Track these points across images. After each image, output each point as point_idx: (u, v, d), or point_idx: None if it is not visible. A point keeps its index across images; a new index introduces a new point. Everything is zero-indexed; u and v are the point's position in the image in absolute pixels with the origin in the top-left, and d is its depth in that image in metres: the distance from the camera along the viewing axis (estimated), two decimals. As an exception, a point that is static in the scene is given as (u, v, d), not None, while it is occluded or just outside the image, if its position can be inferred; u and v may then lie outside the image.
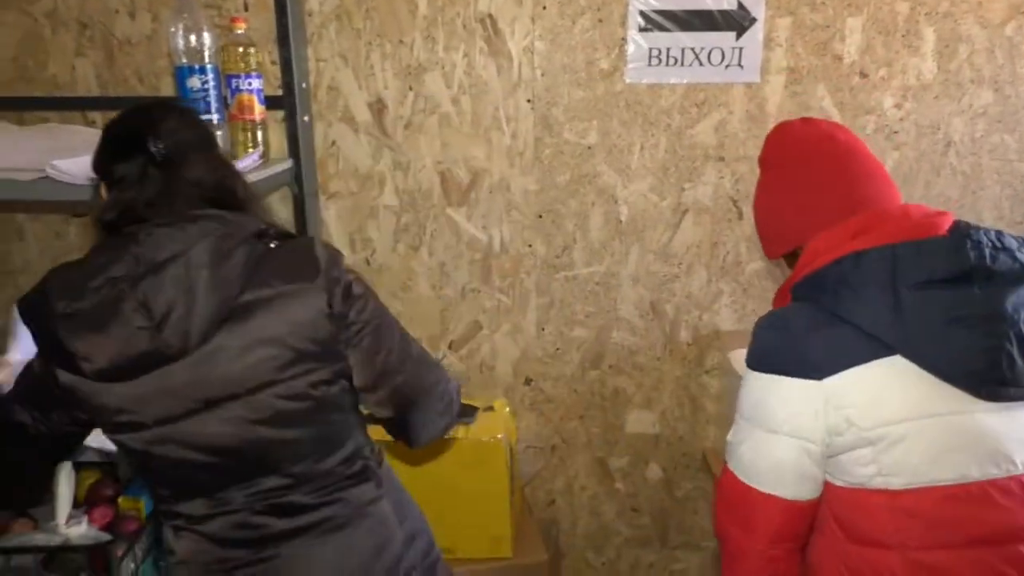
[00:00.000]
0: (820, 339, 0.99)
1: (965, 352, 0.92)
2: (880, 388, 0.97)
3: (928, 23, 1.79)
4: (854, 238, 1.01)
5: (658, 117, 1.85)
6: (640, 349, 2.01)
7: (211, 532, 1.10)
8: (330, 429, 1.12)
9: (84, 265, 1.03)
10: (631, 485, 2.11)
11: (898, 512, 0.97)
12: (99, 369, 0.99)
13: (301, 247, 1.11)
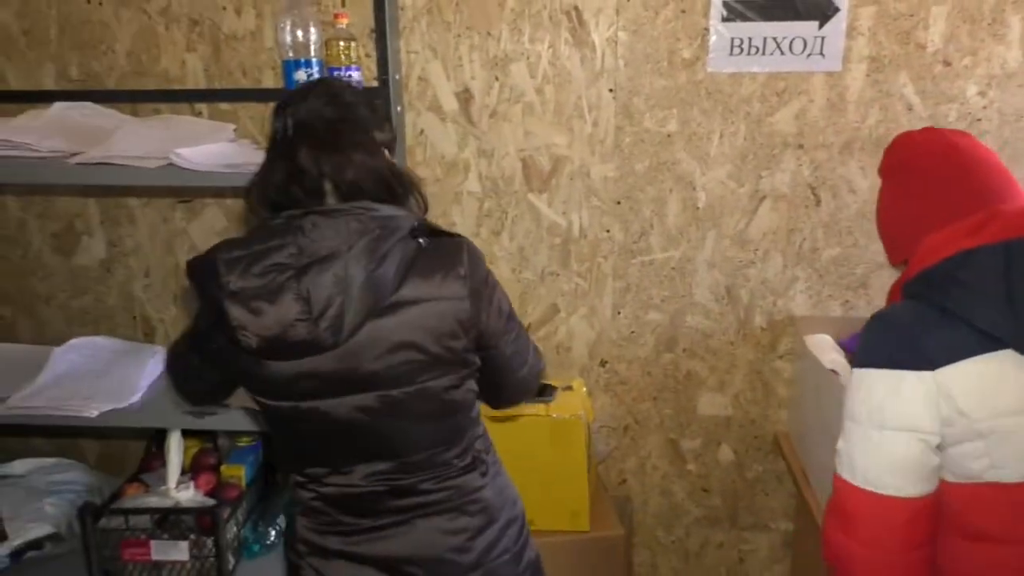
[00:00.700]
0: (931, 333, 0.99)
1: None
2: (992, 381, 0.96)
3: (1015, 11, 1.78)
4: (968, 236, 1.02)
5: (738, 105, 1.88)
6: (714, 333, 2.05)
7: (329, 494, 1.20)
8: (452, 427, 1.20)
9: (251, 244, 1.08)
10: (702, 466, 2.16)
11: (1015, 506, 0.97)
12: (254, 345, 1.06)
13: (450, 251, 1.14)
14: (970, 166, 1.11)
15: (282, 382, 1.12)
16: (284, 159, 1.11)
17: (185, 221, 2.04)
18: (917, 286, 1.05)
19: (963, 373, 0.96)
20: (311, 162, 1.09)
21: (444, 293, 1.10)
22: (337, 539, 1.21)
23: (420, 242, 1.13)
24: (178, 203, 2.03)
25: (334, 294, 1.04)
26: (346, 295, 1.04)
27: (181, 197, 2.02)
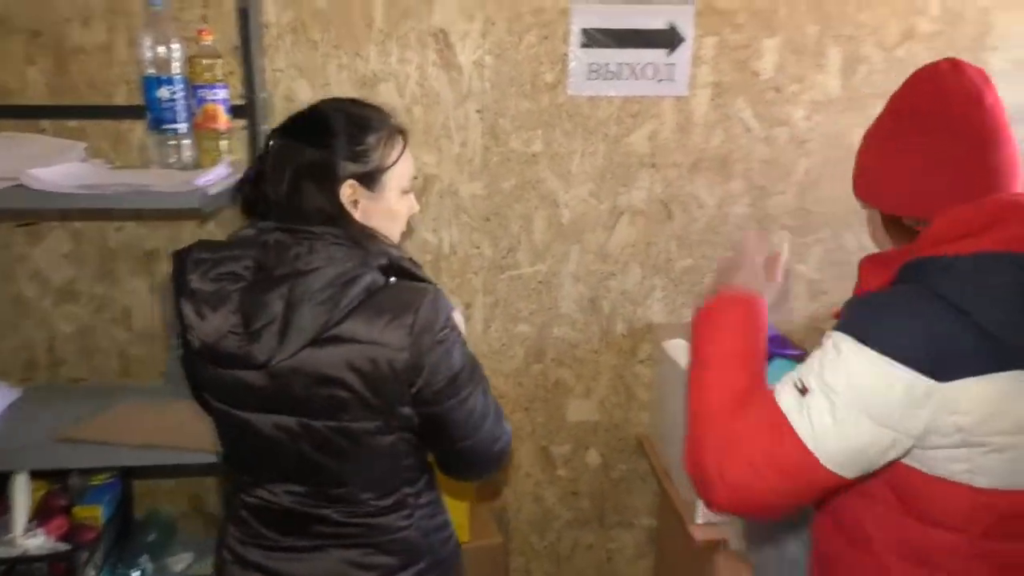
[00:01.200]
0: (946, 336, 0.90)
1: None
2: (999, 401, 0.90)
3: (834, 44, 2.00)
4: (988, 229, 0.94)
5: (597, 127, 1.99)
6: (579, 343, 2.15)
7: (255, 505, 1.20)
8: (374, 470, 1.16)
9: (220, 249, 1.09)
10: (572, 471, 2.25)
11: (976, 505, 0.95)
12: (195, 346, 1.07)
13: (408, 298, 1.09)
14: (993, 128, 0.99)
15: (221, 386, 1.13)
16: (258, 174, 1.14)
17: (28, 246, 1.89)
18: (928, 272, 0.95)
19: (972, 392, 0.90)
20: (270, 185, 1.11)
21: (384, 339, 1.06)
22: (258, 552, 1.19)
23: (387, 280, 1.10)
24: (17, 227, 1.88)
25: (277, 313, 1.03)
26: (288, 318, 1.03)
27: (21, 220, 1.87)
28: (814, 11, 1.96)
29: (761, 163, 2.06)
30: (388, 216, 1.18)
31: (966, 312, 0.90)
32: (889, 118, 1.09)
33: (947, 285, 0.92)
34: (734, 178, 2.07)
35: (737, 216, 2.09)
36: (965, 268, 0.92)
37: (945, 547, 0.97)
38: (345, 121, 1.13)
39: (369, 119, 1.16)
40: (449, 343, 1.11)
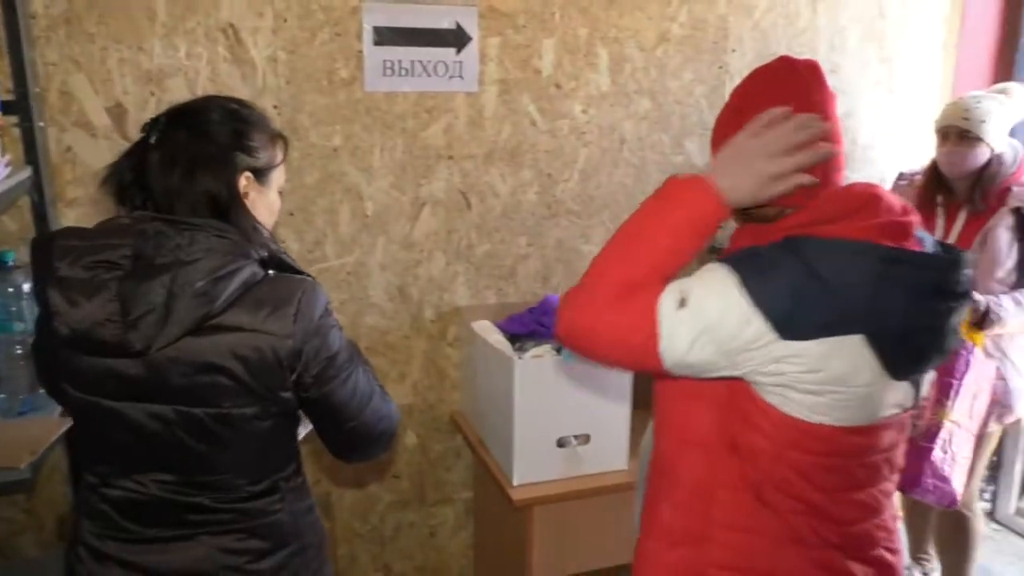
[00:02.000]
0: (808, 302, 1.01)
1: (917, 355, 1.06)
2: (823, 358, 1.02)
3: (603, 45, 2.23)
4: (856, 214, 1.05)
5: (394, 121, 2.08)
6: (391, 329, 2.23)
7: (118, 498, 1.17)
8: (250, 456, 1.19)
9: (93, 237, 1.09)
10: (391, 454, 2.33)
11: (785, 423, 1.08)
12: (63, 334, 1.05)
13: (288, 288, 1.14)
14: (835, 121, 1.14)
15: (89, 376, 1.10)
16: (137, 163, 1.13)
17: None
18: (801, 247, 1.03)
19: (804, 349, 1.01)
20: (156, 174, 1.11)
21: (268, 328, 1.10)
22: (116, 545, 1.17)
23: (267, 272, 1.14)
24: None
25: (155, 302, 1.04)
26: (169, 307, 1.04)
27: None
28: (583, 15, 2.18)
29: (547, 153, 2.25)
30: (269, 211, 1.23)
31: (827, 286, 1.01)
32: (731, 111, 1.19)
33: (817, 259, 1.02)
34: (524, 167, 2.24)
35: (529, 203, 2.27)
36: (836, 248, 1.03)
37: (756, 448, 1.11)
38: (238, 117, 1.18)
39: (258, 119, 1.21)
40: (327, 329, 1.17)
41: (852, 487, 1.14)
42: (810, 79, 1.14)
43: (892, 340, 1.04)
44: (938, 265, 1.06)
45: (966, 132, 2.09)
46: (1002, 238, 2.10)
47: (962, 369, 2.05)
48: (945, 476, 2.09)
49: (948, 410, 2.06)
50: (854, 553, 1.17)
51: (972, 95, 2.18)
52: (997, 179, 2.11)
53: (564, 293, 1.14)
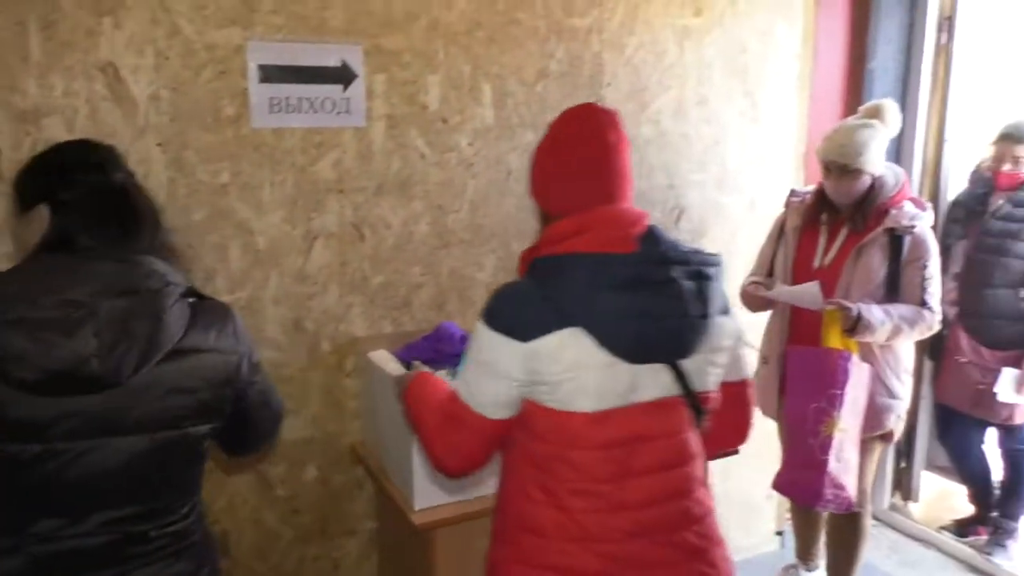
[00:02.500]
0: (532, 311, 1.28)
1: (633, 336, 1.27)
2: (557, 350, 1.27)
3: (486, 81, 2.33)
4: (578, 234, 1.30)
5: (283, 157, 2.10)
6: (287, 363, 2.23)
7: (54, 552, 1.15)
8: (194, 474, 1.30)
9: (33, 278, 1.12)
10: (290, 489, 2.31)
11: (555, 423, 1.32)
12: (25, 378, 1.04)
13: (220, 311, 1.29)
14: (610, 161, 1.36)
15: (41, 422, 1.09)
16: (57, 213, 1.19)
17: None
18: (540, 267, 1.33)
19: (544, 345, 1.27)
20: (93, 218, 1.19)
21: (220, 346, 1.25)
22: None
23: (191, 300, 1.25)
24: None
25: (121, 336, 1.09)
26: (137, 334, 1.10)
27: None
28: (465, 52, 2.27)
29: (437, 185, 2.32)
30: None
31: (547, 294, 1.28)
32: (547, 141, 1.43)
33: (542, 274, 1.31)
34: (415, 199, 2.30)
35: (421, 233, 2.33)
36: (556, 263, 1.30)
37: (545, 453, 1.34)
38: None
39: None
40: (246, 338, 1.33)
41: (635, 473, 1.33)
42: (607, 123, 1.38)
43: (607, 328, 1.27)
44: (637, 260, 1.29)
45: (845, 166, 2.27)
46: (875, 256, 2.28)
47: (842, 379, 2.19)
48: (841, 484, 2.23)
49: (837, 420, 2.20)
50: (654, 538, 1.34)
51: (848, 126, 2.33)
52: (877, 202, 2.30)
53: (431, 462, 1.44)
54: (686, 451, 1.38)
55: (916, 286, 2.28)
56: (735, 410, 1.50)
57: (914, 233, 2.27)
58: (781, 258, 2.46)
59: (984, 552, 2.99)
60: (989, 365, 2.82)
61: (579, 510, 1.33)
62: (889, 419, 2.38)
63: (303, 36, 2.06)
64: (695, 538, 1.36)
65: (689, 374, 1.35)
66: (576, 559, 1.33)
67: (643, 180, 2.63)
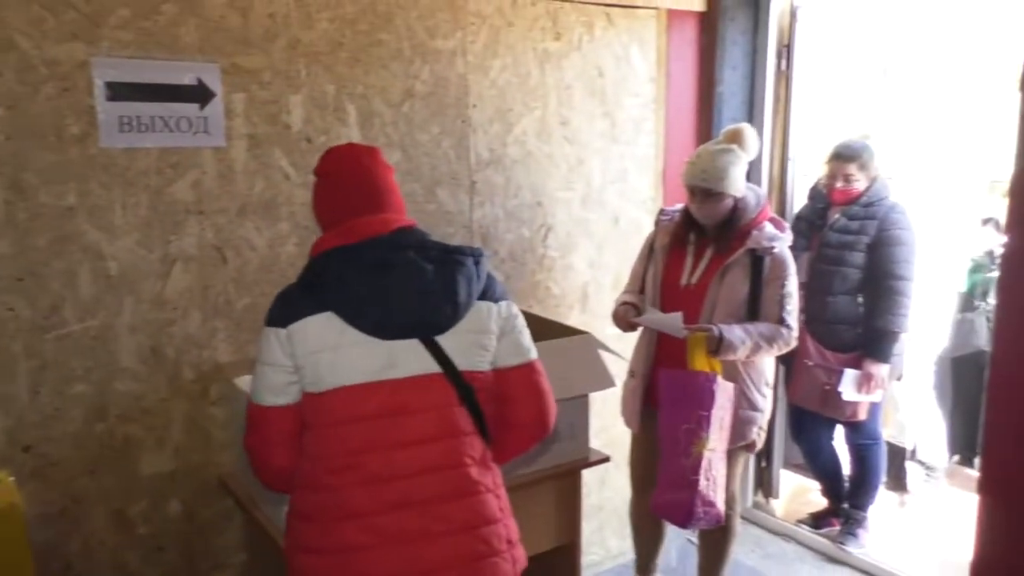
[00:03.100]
0: (292, 302, 1.48)
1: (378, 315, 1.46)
2: (311, 332, 1.45)
3: (350, 101, 2.32)
4: (337, 237, 1.51)
5: (136, 178, 2.02)
6: (145, 394, 2.13)
7: None
8: None
9: None
10: (153, 526, 2.20)
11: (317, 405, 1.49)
12: None
13: None
14: (367, 188, 1.57)
15: None
16: None
17: None
18: (305, 270, 1.52)
19: (301, 329, 1.46)
20: None
21: None
22: None
23: None
24: None
25: None
26: None
27: None
28: (328, 72, 2.27)
29: (303, 206, 2.28)
30: None
31: (306, 287, 1.49)
32: (319, 175, 1.63)
33: (305, 273, 1.51)
34: (281, 220, 2.26)
35: (288, 255, 2.29)
36: (315, 261, 1.51)
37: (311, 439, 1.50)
38: None
39: None
40: None
41: (399, 445, 1.48)
42: (364, 153, 1.61)
43: (354, 308, 1.45)
44: (377, 245, 1.48)
45: (708, 190, 2.38)
46: (738, 276, 2.40)
47: (709, 400, 2.28)
48: (711, 501, 2.32)
49: (705, 441, 2.29)
50: (421, 510, 1.47)
51: (708, 152, 2.43)
52: (740, 223, 2.42)
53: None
54: (453, 425, 1.52)
55: (775, 304, 2.40)
56: (525, 397, 1.62)
57: (773, 254, 2.39)
58: (651, 276, 2.55)
59: (837, 542, 3.21)
60: (833, 367, 3.04)
61: (341, 486, 1.47)
62: (752, 431, 2.51)
63: (154, 53, 2.00)
64: (464, 512, 1.50)
65: (452, 353, 1.50)
66: (344, 538, 1.45)
67: (511, 199, 2.70)
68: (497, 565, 1.52)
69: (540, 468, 2.22)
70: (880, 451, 3.21)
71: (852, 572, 3.13)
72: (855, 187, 3.00)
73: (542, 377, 1.64)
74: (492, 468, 1.59)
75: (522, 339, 1.62)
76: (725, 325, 2.34)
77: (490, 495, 1.54)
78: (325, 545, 1.46)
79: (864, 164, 2.98)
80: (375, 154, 1.62)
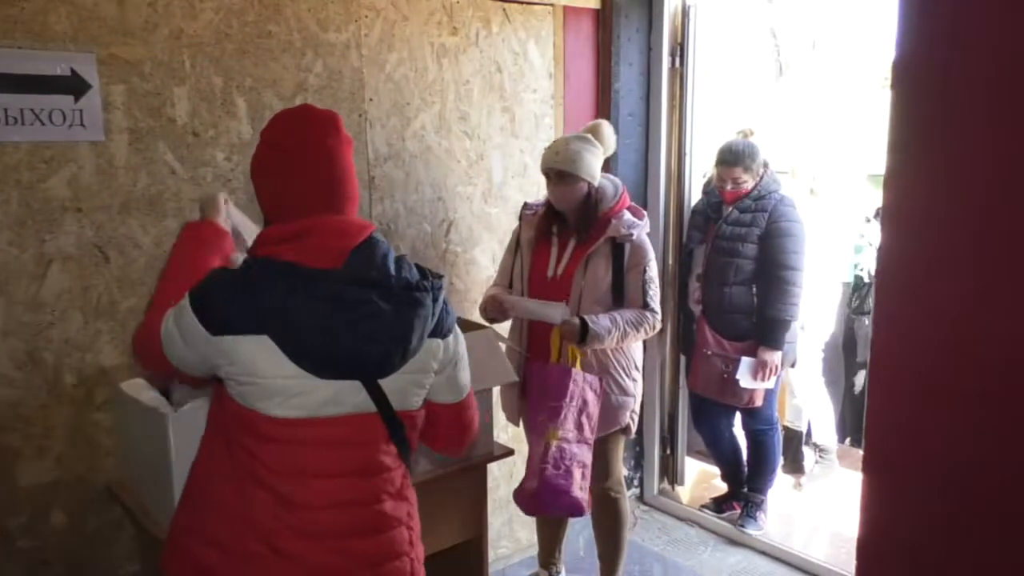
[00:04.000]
0: (228, 309, 1.28)
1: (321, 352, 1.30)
2: (243, 353, 1.29)
3: (239, 94, 2.27)
4: (291, 241, 1.31)
5: (6, 174, 1.92)
6: (22, 401, 2.02)
7: None
8: None
9: None
10: (35, 539, 2.10)
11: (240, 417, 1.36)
12: None
13: None
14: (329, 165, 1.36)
15: None
16: None
17: None
18: (247, 267, 1.32)
19: (233, 346, 1.29)
20: None
21: None
22: None
23: None
24: None
25: None
26: None
27: None
28: (215, 64, 2.20)
29: (191, 201, 2.21)
30: None
31: (248, 297, 1.29)
32: (265, 146, 1.41)
33: (248, 276, 1.31)
34: (168, 216, 2.19)
35: (176, 252, 2.21)
36: (263, 267, 1.30)
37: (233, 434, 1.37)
38: None
39: None
40: None
41: (317, 475, 1.37)
42: (327, 127, 1.38)
43: (295, 341, 1.29)
44: (336, 279, 1.30)
45: (562, 172, 2.43)
46: (600, 265, 2.46)
47: (561, 392, 2.35)
48: (562, 489, 2.34)
49: (556, 430, 2.35)
50: (325, 543, 1.37)
51: (563, 139, 2.51)
52: (598, 211, 2.48)
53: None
54: (376, 463, 1.41)
55: (638, 290, 2.47)
56: (449, 431, 1.57)
57: (632, 241, 2.46)
58: (518, 269, 2.58)
59: (738, 525, 3.33)
60: (730, 355, 3.15)
61: (257, 499, 1.35)
62: (625, 415, 2.57)
63: (21, 41, 1.90)
64: (372, 548, 1.41)
65: (389, 393, 1.38)
66: (241, 540, 1.35)
67: (412, 194, 2.69)
68: None
69: (446, 463, 2.22)
70: (776, 436, 3.34)
71: (752, 553, 3.25)
72: (743, 188, 3.11)
73: (471, 411, 1.58)
74: (407, 497, 1.50)
75: (459, 376, 1.52)
76: (591, 316, 2.38)
77: (402, 527, 1.46)
78: (222, 540, 1.36)
79: (748, 166, 3.09)
80: (337, 127, 1.39)
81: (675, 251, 3.41)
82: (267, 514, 1.35)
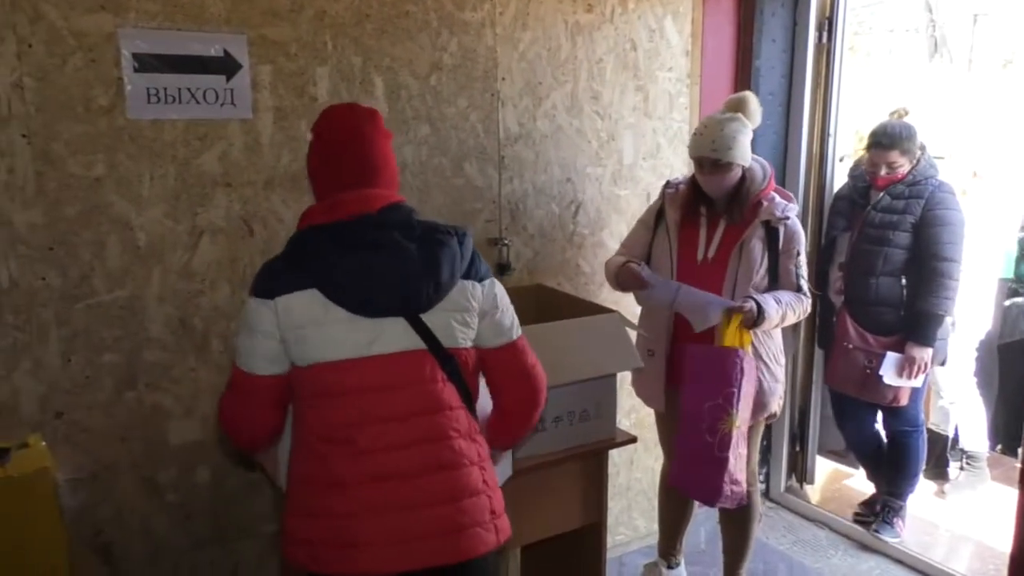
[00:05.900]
0: (278, 276, 1.50)
1: (360, 292, 1.47)
2: (297, 308, 1.47)
3: (377, 73, 2.30)
4: (324, 213, 1.52)
5: (164, 149, 2.03)
6: (174, 364, 2.15)
7: None
8: None
9: None
10: (182, 495, 2.24)
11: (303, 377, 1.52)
12: None
13: None
14: (363, 152, 1.56)
15: None
16: None
17: None
18: (291, 242, 1.54)
19: (287, 303, 1.48)
20: None
21: None
22: None
23: None
24: None
25: None
26: None
27: None
28: (355, 44, 2.25)
29: (329, 178, 2.28)
30: None
31: (292, 262, 1.50)
32: (314, 136, 1.63)
33: (290, 247, 1.53)
34: (307, 192, 2.25)
35: (314, 227, 2.28)
36: (300, 236, 1.52)
37: (302, 408, 1.56)
38: None
39: None
40: None
41: (380, 419, 1.50)
42: (364, 119, 1.58)
43: (337, 287, 1.47)
44: (360, 225, 1.49)
45: (717, 161, 2.32)
46: (755, 248, 2.35)
47: (738, 376, 2.24)
48: (738, 479, 2.29)
49: (734, 417, 2.25)
50: (399, 482, 1.49)
51: (716, 121, 2.35)
52: (750, 195, 2.36)
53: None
54: (438, 400, 1.54)
55: (791, 273, 2.38)
56: (509, 381, 1.64)
57: (787, 224, 2.36)
58: (661, 251, 2.48)
59: (873, 530, 3.13)
60: (874, 350, 2.95)
61: (328, 455, 1.50)
62: (775, 402, 2.46)
63: (181, 24, 2.00)
64: (447, 484, 1.52)
65: (434, 329, 1.52)
66: (331, 504, 1.49)
67: (541, 175, 2.66)
68: (479, 535, 1.54)
69: (567, 447, 2.20)
70: (921, 439, 3.11)
71: (887, 561, 3.05)
72: (899, 172, 2.89)
73: (525, 355, 1.65)
74: (478, 441, 1.60)
75: (503, 319, 1.62)
76: (759, 296, 2.30)
77: (474, 467, 1.56)
78: (313, 509, 1.51)
79: (905, 149, 2.87)
80: (375, 119, 1.59)
81: (815, 238, 3.22)
82: (345, 468, 1.48)
